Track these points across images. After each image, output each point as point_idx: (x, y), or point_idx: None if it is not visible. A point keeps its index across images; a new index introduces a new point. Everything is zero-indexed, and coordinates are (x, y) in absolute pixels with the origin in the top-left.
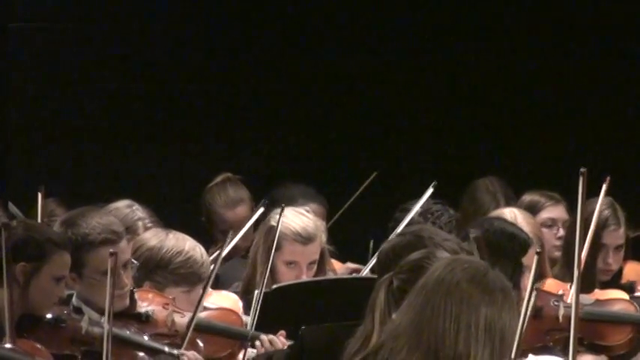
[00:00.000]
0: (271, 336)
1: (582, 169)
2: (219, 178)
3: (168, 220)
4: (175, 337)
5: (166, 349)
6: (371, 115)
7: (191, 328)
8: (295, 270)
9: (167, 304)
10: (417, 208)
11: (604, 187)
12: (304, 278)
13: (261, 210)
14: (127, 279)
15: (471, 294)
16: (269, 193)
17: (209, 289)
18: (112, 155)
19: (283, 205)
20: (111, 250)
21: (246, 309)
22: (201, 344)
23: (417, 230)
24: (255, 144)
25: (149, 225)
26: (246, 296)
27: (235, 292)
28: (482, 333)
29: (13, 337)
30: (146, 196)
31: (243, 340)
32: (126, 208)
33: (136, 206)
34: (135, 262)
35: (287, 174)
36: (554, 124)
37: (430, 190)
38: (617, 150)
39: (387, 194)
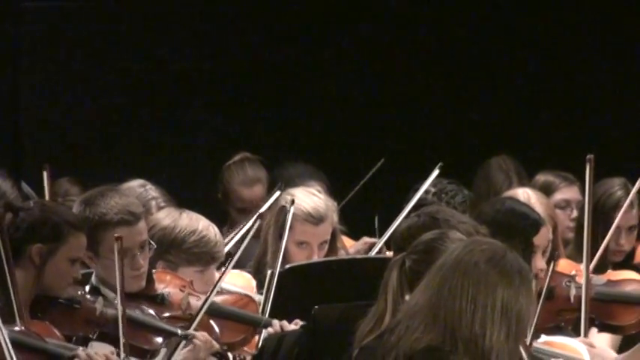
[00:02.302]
0: (284, 322)
1: (589, 156)
2: (237, 157)
3: (181, 199)
4: (189, 320)
5: (179, 331)
6: (381, 97)
7: (202, 311)
8: (306, 250)
9: (184, 286)
10: (422, 190)
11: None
12: (316, 258)
13: (277, 193)
14: (144, 260)
15: (489, 275)
16: (270, 174)
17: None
18: (124, 134)
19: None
20: (116, 235)
21: (259, 288)
22: (217, 329)
23: (432, 211)
24: (266, 126)
25: (162, 204)
26: (257, 275)
27: (248, 272)
28: (498, 314)
29: (23, 319)
30: (158, 176)
31: (256, 326)
32: (139, 187)
33: (149, 186)
34: (153, 243)
35: (295, 155)
36: (564, 104)
37: (436, 172)
38: (628, 130)
39: (397, 175)
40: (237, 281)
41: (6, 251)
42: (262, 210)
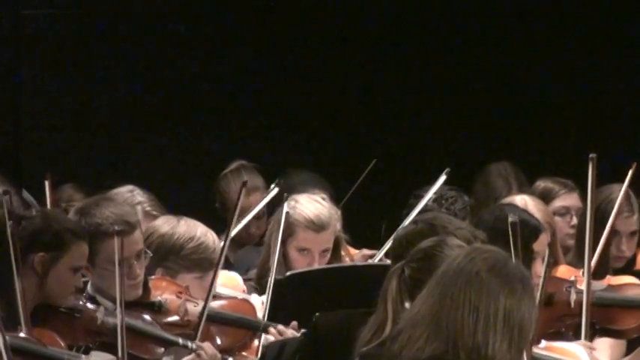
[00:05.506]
0: (281, 326)
1: (592, 155)
2: (233, 165)
3: (177, 206)
4: (187, 327)
5: (180, 340)
6: (383, 101)
7: (203, 319)
8: (307, 257)
9: (181, 292)
10: (429, 195)
11: (630, 173)
12: (316, 266)
13: (275, 190)
14: (140, 269)
15: (490, 284)
16: (274, 180)
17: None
18: (123, 142)
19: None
20: (117, 232)
21: (261, 293)
22: (217, 337)
23: (430, 218)
24: (262, 132)
25: (148, 209)
26: (260, 281)
27: (250, 279)
28: (500, 324)
29: (27, 326)
30: (155, 183)
31: (255, 330)
32: (127, 192)
33: (137, 191)
34: (149, 252)
35: (296, 163)
36: (565, 111)
37: (443, 177)
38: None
39: (398, 180)
40: (226, 282)
41: (9, 260)
42: (260, 207)
